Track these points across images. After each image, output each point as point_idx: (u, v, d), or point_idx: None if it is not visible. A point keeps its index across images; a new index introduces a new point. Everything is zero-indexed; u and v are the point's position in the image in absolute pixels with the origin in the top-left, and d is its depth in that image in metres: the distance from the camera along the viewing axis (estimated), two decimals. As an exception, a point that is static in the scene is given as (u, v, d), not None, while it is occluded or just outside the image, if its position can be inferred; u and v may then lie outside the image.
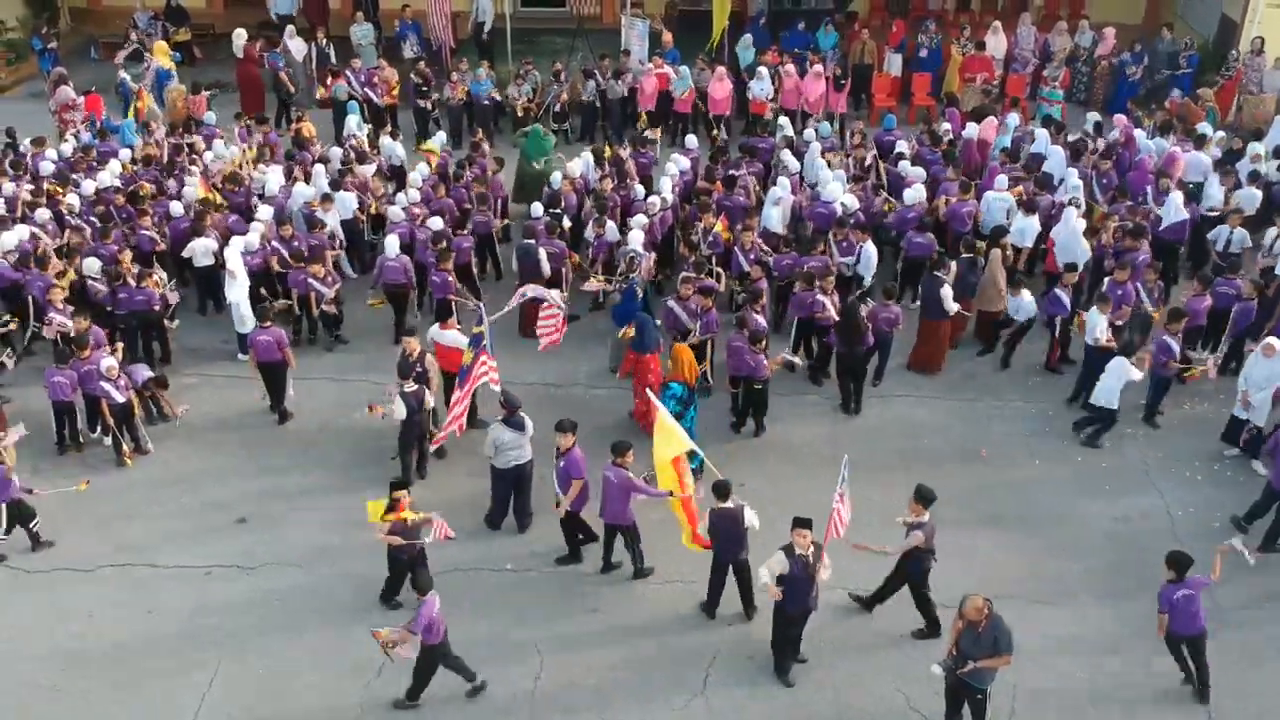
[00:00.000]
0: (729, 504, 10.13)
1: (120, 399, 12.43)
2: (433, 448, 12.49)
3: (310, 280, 14.28)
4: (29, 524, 11.50)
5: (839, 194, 15.49)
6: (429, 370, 12.40)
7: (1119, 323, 13.46)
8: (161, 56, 20.83)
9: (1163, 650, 9.95)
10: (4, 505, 11.26)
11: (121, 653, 10.41)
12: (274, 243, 15.00)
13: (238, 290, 14.03)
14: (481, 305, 12.88)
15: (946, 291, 13.76)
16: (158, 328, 14.37)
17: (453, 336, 12.89)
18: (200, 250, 14.92)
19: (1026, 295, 14.03)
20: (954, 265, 14.15)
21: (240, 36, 21.56)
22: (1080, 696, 9.94)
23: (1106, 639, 10.49)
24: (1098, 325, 13.11)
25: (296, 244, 14.93)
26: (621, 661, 10.28)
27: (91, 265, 14.09)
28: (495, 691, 9.99)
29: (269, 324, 13.16)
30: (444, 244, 14.62)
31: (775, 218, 15.56)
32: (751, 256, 14.71)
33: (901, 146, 17.48)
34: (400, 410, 11.86)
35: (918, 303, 14.90)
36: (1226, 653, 10.25)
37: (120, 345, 13.50)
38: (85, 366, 12.52)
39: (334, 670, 10.21)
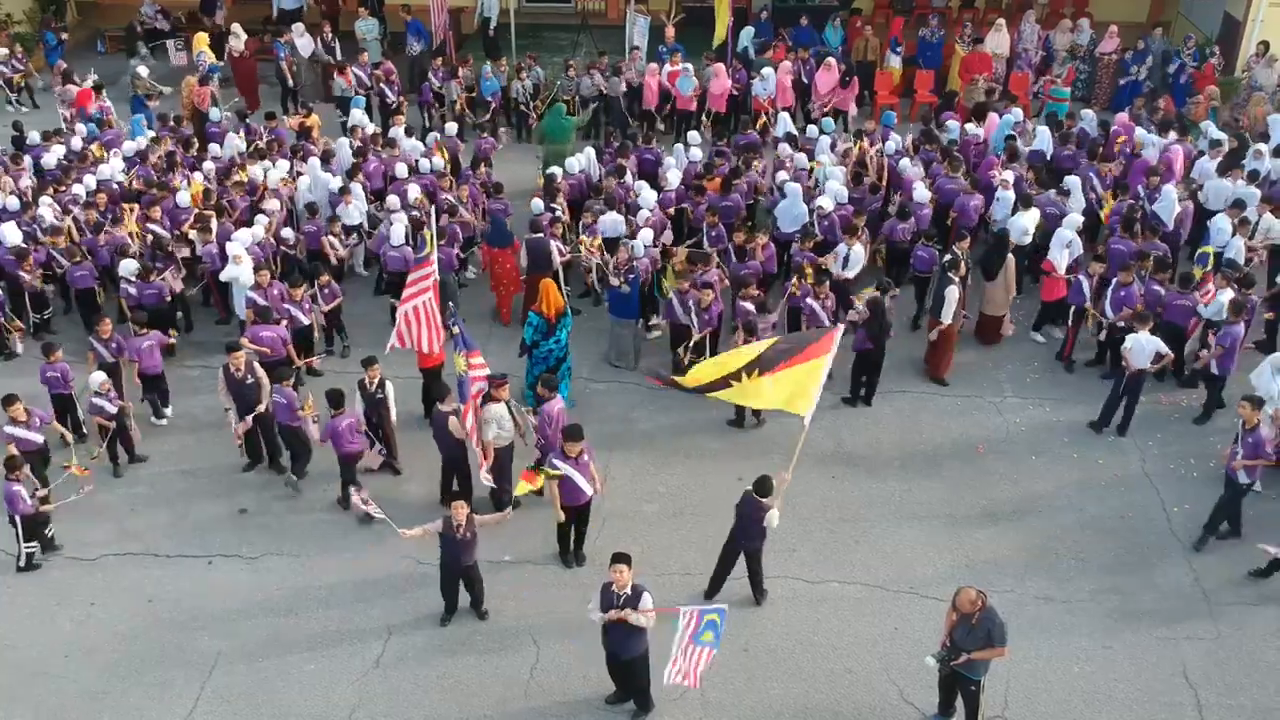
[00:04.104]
0: (766, 499, 10.13)
1: (112, 410, 12.34)
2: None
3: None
4: (43, 530, 11.36)
5: (841, 194, 15.48)
6: (260, 381, 12.20)
7: (1120, 324, 13.42)
8: (206, 49, 20.95)
9: (1155, 644, 9.99)
10: (19, 519, 11.00)
11: (122, 641, 10.52)
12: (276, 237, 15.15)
13: (241, 277, 14.07)
14: (453, 306, 13.07)
15: (951, 293, 13.46)
16: (166, 320, 14.47)
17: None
18: (198, 241, 14.98)
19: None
20: (962, 265, 13.84)
21: (236, 35, 21.67)
22: (1073, 689, 10.00)
23: (1100, 632, 10.56)
24: (1147, 351, 12.63)
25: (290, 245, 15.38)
26: (617, 652, 10.35)
27: (129, 267, 14.11)
28: (491, 682, 10.10)
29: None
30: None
31: (803, 213, 15.46)
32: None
33: (893, 145, 17.21)
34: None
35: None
36: (1219, 648, 10.34)
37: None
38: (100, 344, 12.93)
39: (332, 660, 10.31)
